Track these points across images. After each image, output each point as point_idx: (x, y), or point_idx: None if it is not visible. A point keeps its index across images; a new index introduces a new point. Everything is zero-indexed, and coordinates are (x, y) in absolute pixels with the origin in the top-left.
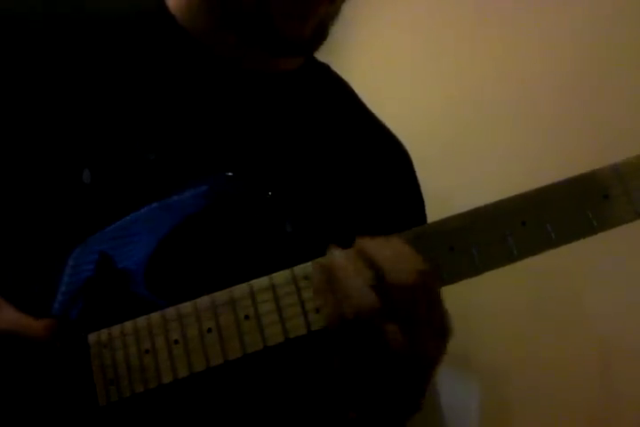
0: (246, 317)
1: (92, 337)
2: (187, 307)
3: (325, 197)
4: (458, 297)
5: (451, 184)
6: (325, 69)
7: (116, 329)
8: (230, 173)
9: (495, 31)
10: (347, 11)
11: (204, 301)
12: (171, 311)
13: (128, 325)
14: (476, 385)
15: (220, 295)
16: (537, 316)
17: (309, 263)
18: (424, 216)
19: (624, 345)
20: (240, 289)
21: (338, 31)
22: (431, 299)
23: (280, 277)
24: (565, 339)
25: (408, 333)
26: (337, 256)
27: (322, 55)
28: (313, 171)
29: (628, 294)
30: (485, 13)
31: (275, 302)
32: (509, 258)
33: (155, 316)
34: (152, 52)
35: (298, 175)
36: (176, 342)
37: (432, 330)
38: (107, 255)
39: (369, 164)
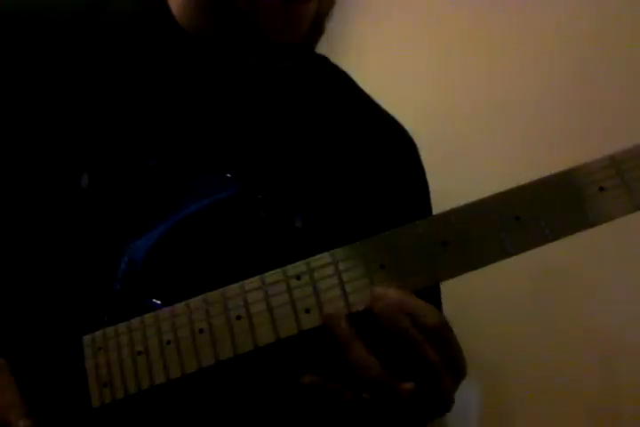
0: (238, 317)
1: (86, 338)
2: (179, 307)
3: (333, 191)
4: (457, 295)
5: (449, 182)
6: (324, 61)
7: (109, 330)
8: (230, 175)
9: (495, 31)
10: (344, 5)
11: (196, 301)
12: (164, 311)
13: (122, 326)
14: (477, 384)
15: (212, 295)
16: (537, 315)
17: (300, 263)
18: (429, 204)
19: (624, 345)
20: (232, 289)
21: (336, 26)
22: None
23: (271, 276)
24: (566, 338)
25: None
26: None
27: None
28: (319, 165)
29: (628, 292)
30: (485, 14)
31: (266, 301)
32: (504, 253)
33: (148, 316)
34: (152, 56)
35: (304, 171)
36: (168, 342)
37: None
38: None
39: (374, 155)
